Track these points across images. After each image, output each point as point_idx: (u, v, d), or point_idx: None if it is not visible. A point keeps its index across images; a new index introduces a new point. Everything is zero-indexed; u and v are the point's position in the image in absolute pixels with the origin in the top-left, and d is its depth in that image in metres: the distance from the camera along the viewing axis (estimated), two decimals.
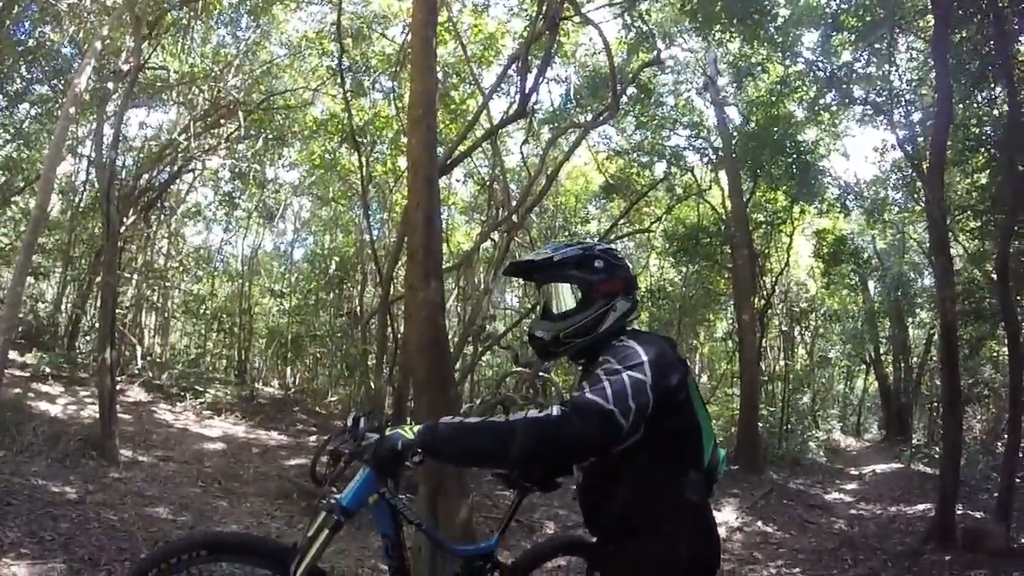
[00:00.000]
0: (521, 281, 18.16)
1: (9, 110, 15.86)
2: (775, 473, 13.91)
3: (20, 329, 12.36)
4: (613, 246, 2.49)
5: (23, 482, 6.32)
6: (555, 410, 1.80)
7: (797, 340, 23.35)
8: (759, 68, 15.53)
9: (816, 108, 15.41)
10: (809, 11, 13.14)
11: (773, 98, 15.49)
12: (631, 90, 13.62)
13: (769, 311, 18.57)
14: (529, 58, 9.32)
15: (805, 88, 15.17)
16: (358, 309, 17.76)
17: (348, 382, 16.75)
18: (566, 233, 19.42)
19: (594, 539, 2.40)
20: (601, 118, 11.42)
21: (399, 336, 11.16)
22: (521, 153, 15.23)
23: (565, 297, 2.26)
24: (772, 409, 17.92)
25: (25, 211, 15.83)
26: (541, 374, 12.70)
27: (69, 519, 5.68)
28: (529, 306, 16.47)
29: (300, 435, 13.01)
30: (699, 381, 23.62)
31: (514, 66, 10.28)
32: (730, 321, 21.51)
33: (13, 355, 10.56)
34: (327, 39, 14.25)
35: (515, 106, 9.54)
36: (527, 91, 9.37)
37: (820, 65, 13.76)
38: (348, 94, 12.41)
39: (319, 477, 2.37)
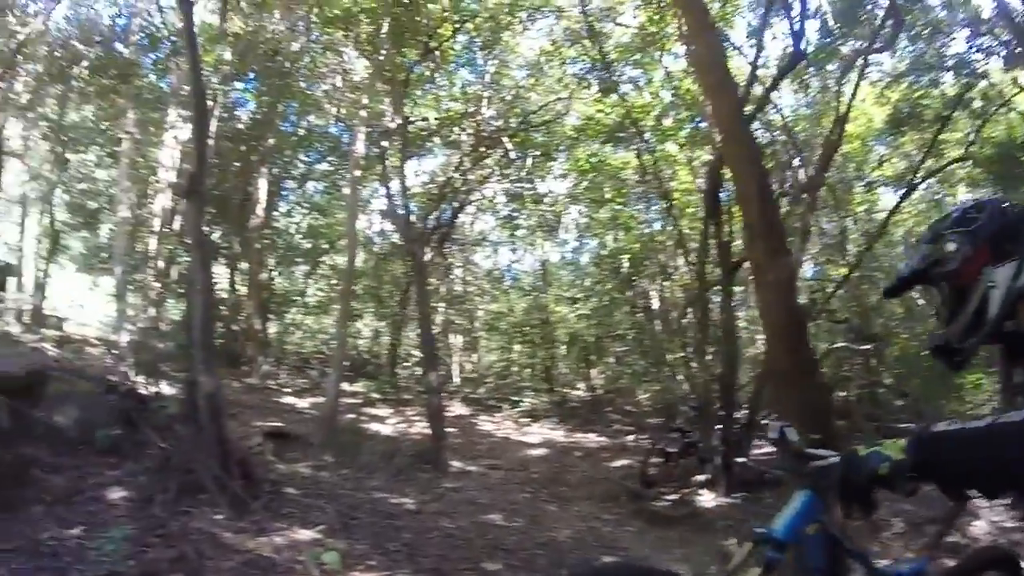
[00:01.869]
0: (816, 249, 16.52)
1: (300, 189, 19.01)
2: None
3: (346, 363, 13.65)
4: (970, 206, 1.91)
5: (365, 496, 6.71)
6: None
7: None
8: None
9: None
10: None
11: None
12: None
13: None
14: None
15: None
16: (657, 303, 17.49)
17: (656, 378, 16.42)
18: (861, 184, 17.49)
19: None
20: (878, 43, 10.07)
21: (714, 326, 10.59)
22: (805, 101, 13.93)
23: (943, 299, 1.85)
24: None
25: (332, 267, 18.39)
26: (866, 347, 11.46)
27: (410, 529, 5.89)
28: (843, 272, 14.99)
29: (617, 435, 12.91)
30: None
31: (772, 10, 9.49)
32: None
33: (343, 386, 11.66)
34: (563, 47, 14.29)
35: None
36: (798, 31, 8.53)
37: None
38: (618, 92, 12.30)
39: (649, 479, 2.09)
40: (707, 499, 7.80)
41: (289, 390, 13.90)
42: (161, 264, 12.23)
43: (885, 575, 2.10)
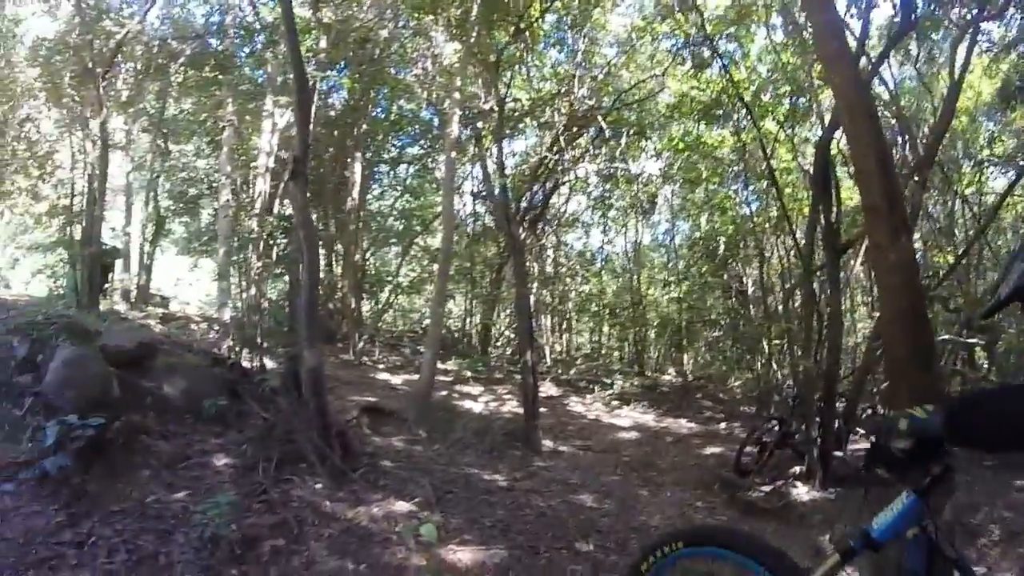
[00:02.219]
0: (919, 234, 15.52)
1: (392, 171, 19.55)
2: None
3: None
4: None
5: (458, 471, 6.76)
6: None
7: None
8: None
9: None
10: None
11: None
12: None
13: None
14: None
15: None
16: (752, 288, 16.99)
17: (750, 366, 16.00)
18: (969, 163, 16.45)
19: None
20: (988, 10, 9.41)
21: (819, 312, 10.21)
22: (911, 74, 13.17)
23: None
24: None
25: (424, 248, 18.87)
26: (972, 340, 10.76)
27: (503, 506, 5.91)
28: (948, 259, 14.17)
29: (709, 423, 12.66)
30: None
31: None
32: None
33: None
34: (656, 23, 13.96)
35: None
36: None
37: None
38: (721, 62, 12.16)
39: (743, 468, 2.05)
40: (802, 492, 7.55)
41: (383, 367, 14.28)
42: (261, 245, 12.65)
43: None
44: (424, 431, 8.37)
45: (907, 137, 11.99)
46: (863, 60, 9.18)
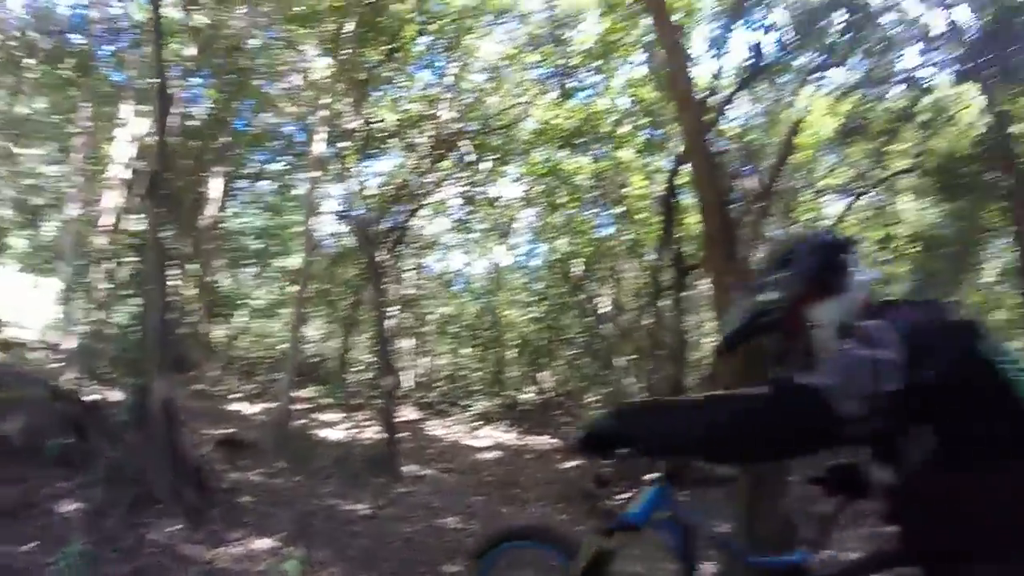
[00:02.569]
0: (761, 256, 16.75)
1: (251, 188, 19.04)
2: None
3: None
4: (783, 250, 1.98)
5: (320, 502, 6.71)
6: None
7: None
8: None
9: None
10: None
11: None
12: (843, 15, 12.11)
13: None
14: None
15: None
16: (607, 307, 17.61)
17: (606, 381, 16.59)
18: (810, 193, 17.87)
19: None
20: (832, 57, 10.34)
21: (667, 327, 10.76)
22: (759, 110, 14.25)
23: (778, 346, 1.98)
24: None
25: (282, 269, 18.50)
26: None
27: (367, 535, 5.93)
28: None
29: (568, 438, 13.03)
30: None
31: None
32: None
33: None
34: (524, 53, 14.37)
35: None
36: (756, 45, 8.78)
37: None
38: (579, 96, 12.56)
39: (603, 478, 2.27)
40: None
41: (238, 395, 13.76)
42: (110, 265, 11.92)
43: (750, 562, 2.27)
44: (283, 462, 8.18)
45: (752, 168, 12.91)
46: (716, 97, 9.92)
